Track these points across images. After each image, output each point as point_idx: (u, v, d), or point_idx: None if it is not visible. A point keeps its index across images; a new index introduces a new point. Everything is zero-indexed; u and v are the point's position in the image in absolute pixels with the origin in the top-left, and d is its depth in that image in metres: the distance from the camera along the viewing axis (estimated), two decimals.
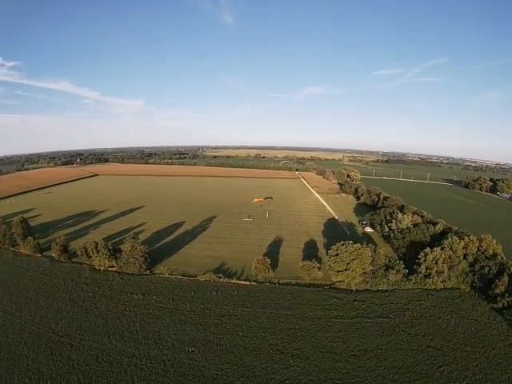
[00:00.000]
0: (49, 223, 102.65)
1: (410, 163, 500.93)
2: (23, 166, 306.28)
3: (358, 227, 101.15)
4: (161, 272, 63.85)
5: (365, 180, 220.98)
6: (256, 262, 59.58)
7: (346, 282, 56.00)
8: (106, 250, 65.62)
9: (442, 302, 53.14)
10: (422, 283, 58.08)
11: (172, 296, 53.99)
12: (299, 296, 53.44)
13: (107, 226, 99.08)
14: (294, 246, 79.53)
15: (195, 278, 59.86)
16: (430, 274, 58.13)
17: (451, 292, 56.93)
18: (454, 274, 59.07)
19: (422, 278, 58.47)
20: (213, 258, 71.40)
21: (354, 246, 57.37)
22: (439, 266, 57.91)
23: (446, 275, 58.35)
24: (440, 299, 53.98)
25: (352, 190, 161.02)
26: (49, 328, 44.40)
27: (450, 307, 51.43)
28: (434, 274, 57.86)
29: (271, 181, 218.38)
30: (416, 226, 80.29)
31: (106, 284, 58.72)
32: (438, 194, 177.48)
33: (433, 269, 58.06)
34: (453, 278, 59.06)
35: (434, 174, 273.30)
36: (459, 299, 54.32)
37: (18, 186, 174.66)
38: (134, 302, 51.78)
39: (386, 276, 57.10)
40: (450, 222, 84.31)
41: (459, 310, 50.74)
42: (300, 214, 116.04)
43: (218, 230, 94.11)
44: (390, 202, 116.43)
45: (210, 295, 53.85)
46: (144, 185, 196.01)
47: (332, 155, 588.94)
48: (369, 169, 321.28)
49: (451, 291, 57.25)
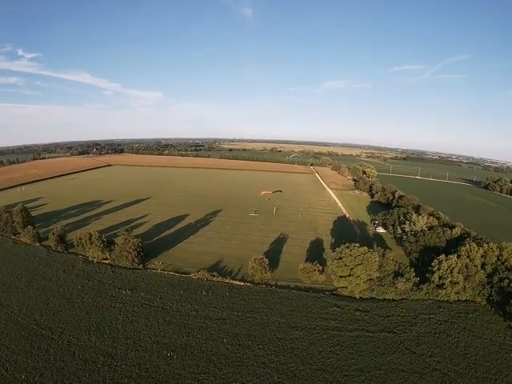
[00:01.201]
0: (53, 212, 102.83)
1: (429, 161, 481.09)
2: (39, 155, 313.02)
3: (369, 227, 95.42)
4: (154, 267, 61.28)
5: (381, 177, 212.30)
6: (253, 262, 55.65)
7: (349, 288, 51.07)
8: (99, 241, 63.64)
9: (454, 316, 47.56)
10: (434, 294, 52.45)
11: (160, 293, 51.22)
12: (296, 301, 49.08)
13: (110, 216, 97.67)
14: (299, 245, 75.16)
15: (188, 276, 56.75)
16: (444, 284, 52.45)
17: (465, 305, 51.19)
18: (470, 285, 53.15)
19: (434, 288, 52.88)
20: (211, 254, 68.11)
21: (360, 250, 52.23)
22: (454, 276, 52.12)
23: (460, 286, 52.56)
24: (452, 313, 48.40)
25: (366, 186, 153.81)
26: (33, 319, 43.63)
27: (463, 323, 45.87)
28: (447, 285, 52.14)
29: (284, 175, 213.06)
30: (431, 228, 73.88)
31: (96, 277, 57.18)
32: (456, 195, 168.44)
33: (447, 278, 52.33)
34: (468, 290, 53.14)
35: (453, 174, 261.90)
36: (473, 314, 48.58)
37: (31, 175, 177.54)
38: (121, 298, 49.77)
39: (394, 284, 51.77)
40: (467, 225, 78.02)
41: (472, 326, 45.11)
42: (309, 211, 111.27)
43: (221, 224, 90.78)
44: (405, 201, 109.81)
45: (199, 295, 50.54)
46: (155, 176, 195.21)
47: (349, 151, 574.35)
48: (386, 166, 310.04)
49: (465, 304, 51.52)
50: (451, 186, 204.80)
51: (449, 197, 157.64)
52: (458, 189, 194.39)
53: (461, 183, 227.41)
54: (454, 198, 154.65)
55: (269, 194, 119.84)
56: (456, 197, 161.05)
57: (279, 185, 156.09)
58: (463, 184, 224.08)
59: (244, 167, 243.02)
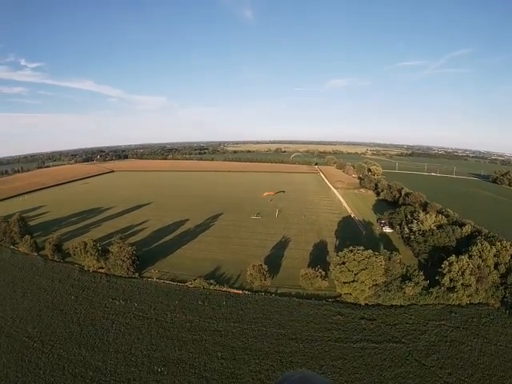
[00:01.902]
0: (54, 220, 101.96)
1: (435, 157, 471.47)
2: (44, 163, 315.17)
3: (375, 226, 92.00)
4: (150, 275, 59.25)
5: (387, 174, 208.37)
6: (251, 268, 52.95)
7: (354, 295, 48.01)
8: (94, 250, 62.00)
9: (466, 321, 44.36)
10: (445, 298, 49.17)
11: (155, 304, 49.10)
12: (296, 310, 46.28)
13: (110, 223, 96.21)
14: (301, 249, 72.30)
15: (184, 284, 54.45)
16: (455, 287, 49.19)
17: (478, 309, 47.94)
18: (483, 287, 49.79)
19: (444, 292, 49.63)
20: (209, 260, 65.68)
21: (364, 254, 49.12)
22: (466, 279, 48.82)
23: (473, 289, 49.23)
24: (464, 318, 45.19)
25: (372, 185, 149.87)
26: (25, 332, 43.01)
27: (476, 329, 42.66)
28: (459, 288, 48.88)
29: (288, 175, 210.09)
30: (440, 227, 70.40)
31: (90, 287, 55.71)
32: (464, 190, 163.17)
33: (458, 281, 49.06)
34: (481, 292, 49.80)
35: (460, 168, 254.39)
36: (487, 318, 45.36)
37: (34, 184, 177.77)
38: (114, 309, 48.04)
39: (402, 289, 48.34)
40: (478, 222, 74.40)
41: (486, 332, 41.93)
42: (313, 211, 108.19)
43: (221, 228, 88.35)
44: (412, 199, 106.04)
45: (195, 305, 48.21)
46: (157, 180, 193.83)
47: (355, 149, 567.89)
48: (392, 162, 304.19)
49: (478, 308, 48.28)
50: (459, 181, 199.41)
51: (457, 192, 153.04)
52: (465, 184, 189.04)
53: (468, 178, 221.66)
54: (462, 194, 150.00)
55: (271, 194, 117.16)
56: (464, 192, 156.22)
57: (283, 185, 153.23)
58: (471, 178, 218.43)
59: (247, 169, 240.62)
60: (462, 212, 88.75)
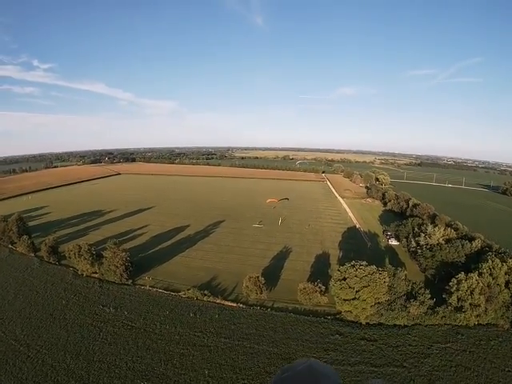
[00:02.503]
0: (55, 221, 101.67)
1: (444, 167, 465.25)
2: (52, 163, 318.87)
3: (381, 238, 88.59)
4: (144, 283, 57.35)
5: (395, 184, 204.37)
6: (247, 280, 50.36)
7: (354, 313, 45.10)
8: (88, 254, 60.53)
9: (473, 344, 41.10)
10: (452, 318, 46.00)
11: (145, 313, 47.10)
12: (292, 327, 43.48)
13: (109, 227, 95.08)
14: (303, 260, 69.48)
15: (177, 294, 52.27)
16: (463, 307, 46.00)
17: (486, 330, 44.66)
18: (493, 307, 46.54)
19: (451, 312, 46.50)
20: (206, 269, 63.43)
21: (367, 269, 46.15)
22: (475, 298, 45.63)
23: (482, 309, 46.04)
24: (472, 340, 41.94)
25: (379, 194, 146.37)
26: (13, 334, 42.13)
27: (484, 352, 39.40)
28: (467, 308, 45.68)
29: (294, 183, 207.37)
30: (449, 241, 67.09)
31: (82, 292, 54.28)
32: (474, 201, 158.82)
33: (466, 301, 45.88)
34: (490, 313, 46.52)
35: (469, 179, 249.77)
36: (496, 340, 42.00)
37: (40, 183, 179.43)
38: (104, 317, 46.31)
39: (406, 308, 45.30)
40: (488, 236, 71.09)
41: (495, 356, 38.62)
42: (317, 221, 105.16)
43: (221, 236, 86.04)
44: (420, 210, 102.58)
45: (186, 316, 45.95)
46: (161, 184, 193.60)
47: (363, 157, 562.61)
48: (400, 172, 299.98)
49: (486, 329, 45.00)
50: (468, 192, 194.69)
51: (466, 204, 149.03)
52: (475, 195, 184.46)
53: (478, 189, 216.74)
54: (471, 205, 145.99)
55: (275, 201, 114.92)
56: (474, 203, 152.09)
57: (288, 193, 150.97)
58: (480, 190, 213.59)
59: (253, 175, 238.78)
60: (471, 225, 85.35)
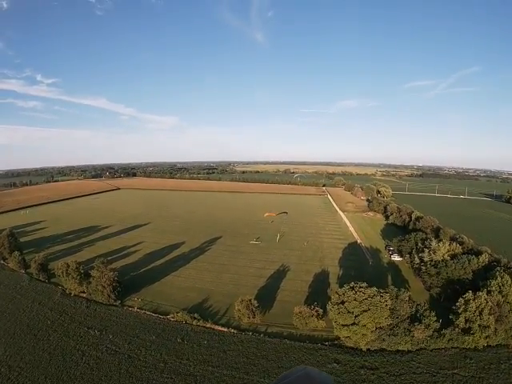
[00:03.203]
0: (50, 237, 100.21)
1: (445, 177, 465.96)
2: (52, 177, 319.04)
3: (383, 254, 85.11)
4: (132, 304, 54.49)
5: (397, 196, 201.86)
6: (239, 303, 47.15)
7: (354, 339, 41.71)
8: (76, 273, 58.02)
9: (483, 369, 37.63)
10: (459, 341, 42.56)
11: (131, 337, 44.24)
12: (286, 355, 40.13)
13: (104, 243, 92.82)
14: (300, 279, 65.95)
15: (165, 317, 49.23)
16: (471, 328, 42.67)
17: (496, 352, 41.28)
18: (503, 327, 43.20)
19: (459, 334, 43.09)
20: (198, 290, 60.27)
21: (367, 292, 42.88)
22: (484, 319, 42.36)
23: (491, 330, 42.67)
24: (481, 364, 38.48)
25: (381, 207, 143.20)
26: None
27: (494, 378, 35.99)
28: (475, 329, 42.33)
29: (294, 197, 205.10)
30: (454, 257, 63.69)
31: (69, 312, 52.08)
32: (477, 211, 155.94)
33: (475, 322, 42.62)
34: (500, 333, 43.18)
35: (471, 189, 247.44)
36: (506, 363, 38.64)
37: (38, 198, 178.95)
38: (88, 340, 43.90)
39: (411, 332, 41.78)
40: (495, 249, 68.70)
41: (506, 381, 35.34)
42: (317, 237, 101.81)
43: (216, 254, 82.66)
44: (423, 224, 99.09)
45: (173, 342, 42.84)
46: (160, 200, 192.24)
47: (364, 170, 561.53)
48: (402, 184, 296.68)
49: (496, 350, 41.65)
50: (471, 202, 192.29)
51: (470, 214, 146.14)
52: (478, 205, 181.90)
53: (481, 198, 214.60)
54: (475, 216, 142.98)
55: (273, 215, 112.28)
56: (478, 214, 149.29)
57: (288, 207, 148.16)
58: (483, 199, 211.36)
59: (253, 190, 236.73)
60: (476, 237, 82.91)
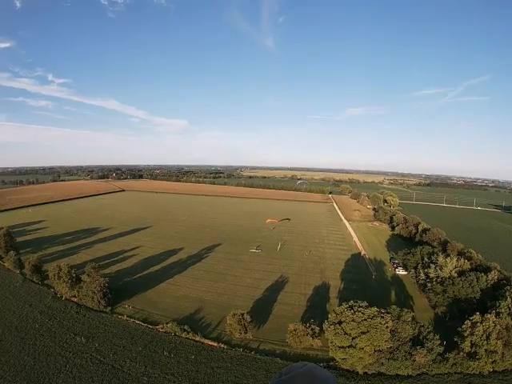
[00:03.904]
0: (49, 237, 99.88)
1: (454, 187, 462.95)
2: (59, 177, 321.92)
3: (387, 267, 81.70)
4: (122, 311, 52.89)
5: (404, 205, 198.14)
6: (231, 318, 44.76)
7: (350, 362, 38.99)
8: (67, 277, 56.81)
9: None
10: (464, 366, 39.65)
11: (117, 347, 42.57)
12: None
13: (101, 246, 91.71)
14: (299, 292, 63.07)
15: (155, 327, 47.31)
16: (477, 353, 39.72)
17: (503, 378, 38.56)
18: (511, 352, 40.03)
19: (464, 358, 40.10)
20: (191, 299, 58.12)
21: (367, 312, 40.11)
22: (491, 344, 39.41)
23: (498, 356, 39.60)
24: None
25: (387, 217, 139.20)
26: None
27: None
28: (482, 354, 39.39)
29: (298, 204, 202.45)
30: (462, 274, 60.42)
31: (57, 316, 51.16)
32: (486, 223, 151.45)
33: (482, 347, 39.68)
34: (508, 358, 40.09)
35: (480, 199, 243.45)
36: None
37: (43, 197, 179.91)
38: (73, 347, 42.47)
39: (412, 356, 38.83)
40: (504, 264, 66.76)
41: None
42: (319, 246, 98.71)
43: (214, 262, 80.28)
44: (430, 236, 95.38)
45: (160, 355, 40.84)
46: (163, 203, 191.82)
47: (372, 177, 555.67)
48: (409, 193, 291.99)
49: (503, 376, 38.88)
50: (480, 214, 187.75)
51: (478, 226, 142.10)
52: (487, 216, 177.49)
53: (490, 209, 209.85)
54: (484, 228, 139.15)
55: (275, 222, 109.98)
56: (486, 226, 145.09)
57: (292, 215, 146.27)
58: (492, 210, 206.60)
59: (258, 195, 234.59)
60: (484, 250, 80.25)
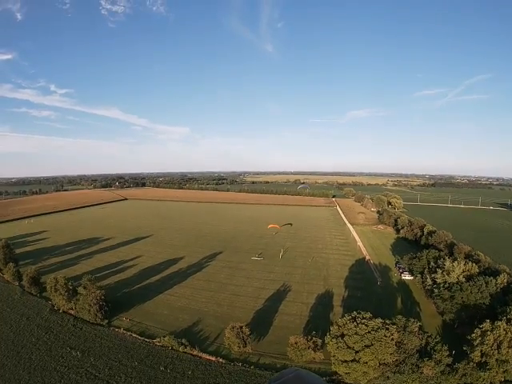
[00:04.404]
0: (50, 248, 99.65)
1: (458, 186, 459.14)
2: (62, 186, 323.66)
3: (393, 272, 79.39)
4: (119, 324, 51.66)
5: (409, 207, 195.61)
6: (229, 331, 43.05)
7: (354, 376, 37.01)
8: (64, 289, 55.91)
9: None
10: (473, 376, 37.44)
11: (112, 362, 41.38)
12: None
13: (102, 256, 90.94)
14: (301, 302, 60.88)
15: (151, 341, 45.93)
16: (487, 363, 37.60)
17: None
18: None
19: (473, 368, 37.97)
20: (190, 311, 56.56)
21: (371, 324, 38.14)
22: (503, 353, 37.30)
23: (510, 364, 37.49)
24: None
25: (391, 220, 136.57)
26: None
27: None
28: (492, 364, 37.28)
29: (301, 208, 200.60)
30: (470, 279, 58.22)
31: (54, 330, 50.38)
32: (493, 223, 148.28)
33: (492, 356, 37.59)
34: None
35: (485, 198, 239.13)
36: None
37: (45, 207, 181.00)
38: (69, 361, 41.41)
39: (419, 368, 36.75)
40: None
41: None
42: (323, 252, 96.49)
43: (215, 271, 78.62)
44: (436, 239, 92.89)
45: (156, 370, 39.42)
46: (165, 211, 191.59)
47: (375, 180, 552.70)
48: (414, 194, 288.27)
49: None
50: (486, 213, 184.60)
51: (485, 226, 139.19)
52: (493, 215, 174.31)
53: (495, 208, 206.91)
54: (491, 227, 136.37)
55: (277, 227, 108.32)
56: (493, 225, 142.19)
57: (294, 220, 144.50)
58: (498, 209, 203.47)
59: (261, 201, 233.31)
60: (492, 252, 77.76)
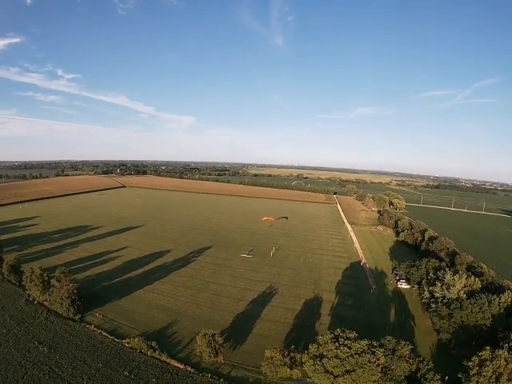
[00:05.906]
0: (37, 235, 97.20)
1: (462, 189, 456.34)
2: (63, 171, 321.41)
3: (389, 279, 75.19)
4: (91, 320, 48.67)
5: (411, 208, 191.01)
6: (201, 338, 39.40)
7: None
8: (39, 280, 53.39)
9: None
10: None
11: (77, 361, 38.69)
12: None
13: (88, 246, 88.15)
14: (287, 307, 56.79)
15: (121, 341, 42.82)
16: None
17: None
18: None
19: None
20: (167, 310, 53.14)
21: (354, 347, 33.82)
22: None
23: None
24: None
25: (391, 222, 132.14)
26: None
27: None
28: None
29: (301, 204, 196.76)
30: (471, 295, 53.48)
31: (26, 321, 47.68)
32: (496, 231, 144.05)
33: None
34: None
35: (489, 204, 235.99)
36: None
37: (42, 192, 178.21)
38: (34, 356, 39.41)
39: None
40: None
41: None
42: (317, 253, 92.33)
43: (200, 267, 74.95)
44: (437, 246, 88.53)
45: (120, 375, 36.36)
46: (162, 200, 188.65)
47: (379, 178, 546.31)
48: (417, 195, 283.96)
49: None
50: (490, 220, 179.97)
51: (488, 233, 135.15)
52: (497, 223, 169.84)
53: (500, 215, 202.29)
54: (494, 235, 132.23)
55: (271, 220, 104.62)
56: (497, 233, 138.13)
57: (292, 216, 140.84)
58: (502, 216, 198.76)
59: (259, 194, 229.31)
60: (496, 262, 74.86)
